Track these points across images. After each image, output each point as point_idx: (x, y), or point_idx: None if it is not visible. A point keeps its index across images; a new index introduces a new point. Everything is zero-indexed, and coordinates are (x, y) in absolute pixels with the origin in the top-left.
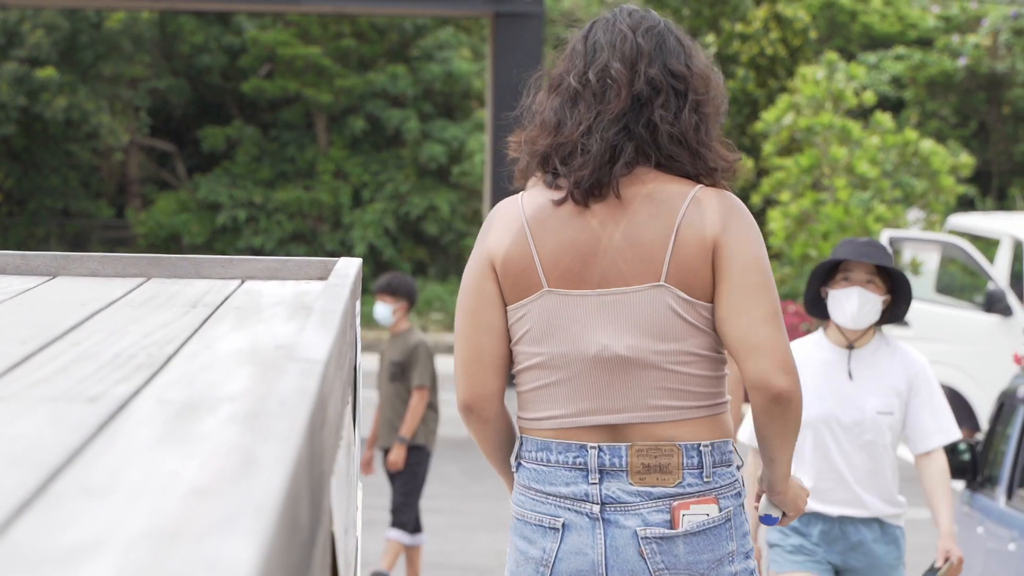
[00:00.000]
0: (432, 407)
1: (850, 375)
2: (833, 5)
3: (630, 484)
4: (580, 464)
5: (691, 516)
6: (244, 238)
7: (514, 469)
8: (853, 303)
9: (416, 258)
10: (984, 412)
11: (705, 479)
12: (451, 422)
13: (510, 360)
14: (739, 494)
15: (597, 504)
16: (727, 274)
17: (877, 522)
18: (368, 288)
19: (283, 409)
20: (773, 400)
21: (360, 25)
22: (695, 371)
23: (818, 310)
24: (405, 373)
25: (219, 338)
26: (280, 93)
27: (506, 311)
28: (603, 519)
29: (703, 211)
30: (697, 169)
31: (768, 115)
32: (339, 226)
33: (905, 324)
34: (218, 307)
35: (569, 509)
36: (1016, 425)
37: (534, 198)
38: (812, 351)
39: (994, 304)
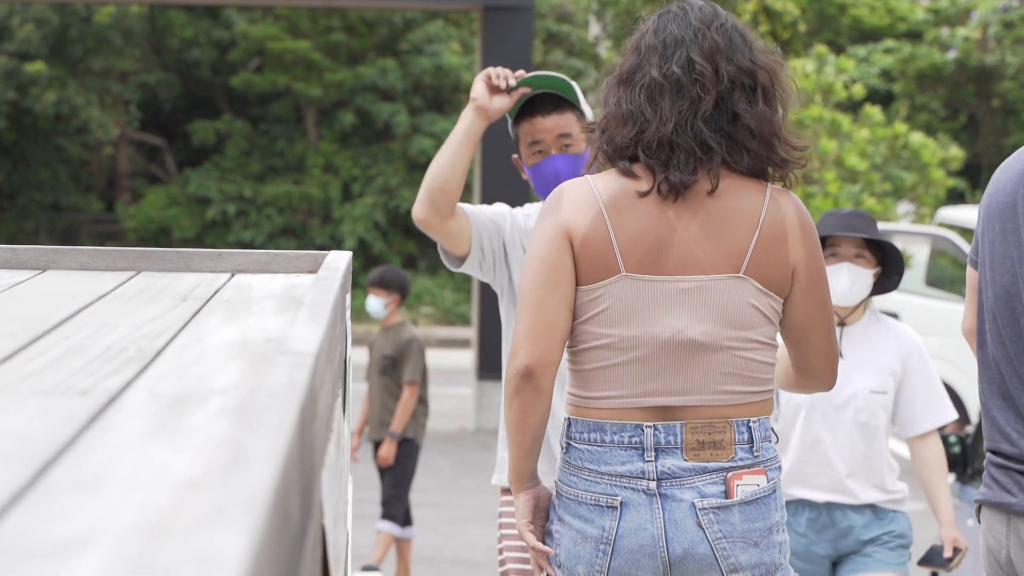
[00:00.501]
0: (422, 401)
1: (840, 353)
2: None
3: (684, 460)
4: (636, 443)
5: (744, 486)
6: (234, 232)
7: (563, 450)
8: (843, 280)
9: (406, 252)
10: (974, 405)
11: (755, 453)
12: (441, 416)
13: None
14: (779, 467)
15: (653, 480)
16: (811, 288)
17: (870, 508)
18: (359, 282)
19: (273, 402)
20: (821, 390)
21: (350, 19)
22: (758, 357)
23: None
24: (396, 367)
25: (209, 331)
26: (270, 87)
27: (576, 289)
28: (660, 494)
29: (783, 213)
30: (771, 161)
31: None
32: (329, 220)
33: (895, 316)
34: (208, 300)
35: (626, 487)
36: None
37: (608, 183)
38: None
39: None
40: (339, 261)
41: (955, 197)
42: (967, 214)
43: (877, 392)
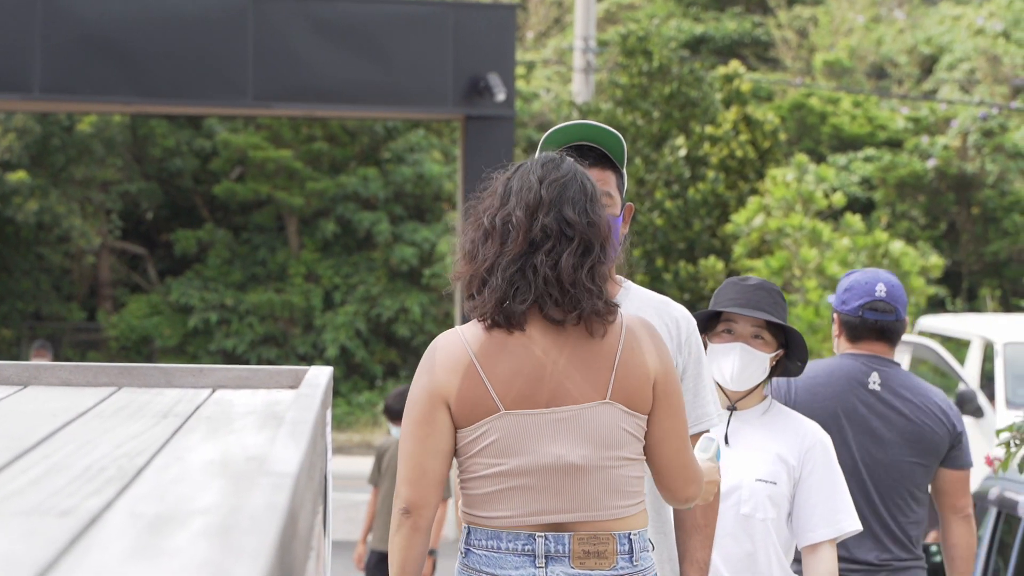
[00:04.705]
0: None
1: (726, 440)
2: (803, 107)
3: (572, 568)
4: (528, 551)
5: None
6: (216, 341)
7: (462, 554)
8: (735, 362)
9: (387, 360)
10: None
11: (634, 563)
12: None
13: (447, 475)
14: (655, 575)
15: None
16: (666, 403)
17: None
18: (340, 390)
19: (254, 525)
20: (685, 503)
21: (331, 128)
22: (630, 473)
23: None
24: None
25: (190, 449)
26: (251, 196)
27: (455, 434)
28: None
29: (638, 338)
30: (572, 308)
31: (738, 217)
32: (311, 328)
33: None
34: (189, 417)
35: None
36: (987, 527)
37: (476, 333)
38: None
39: (965, 405)
40: (319, 377)
41: (936, 305)
42: (947, 322)
43: (764, 481)
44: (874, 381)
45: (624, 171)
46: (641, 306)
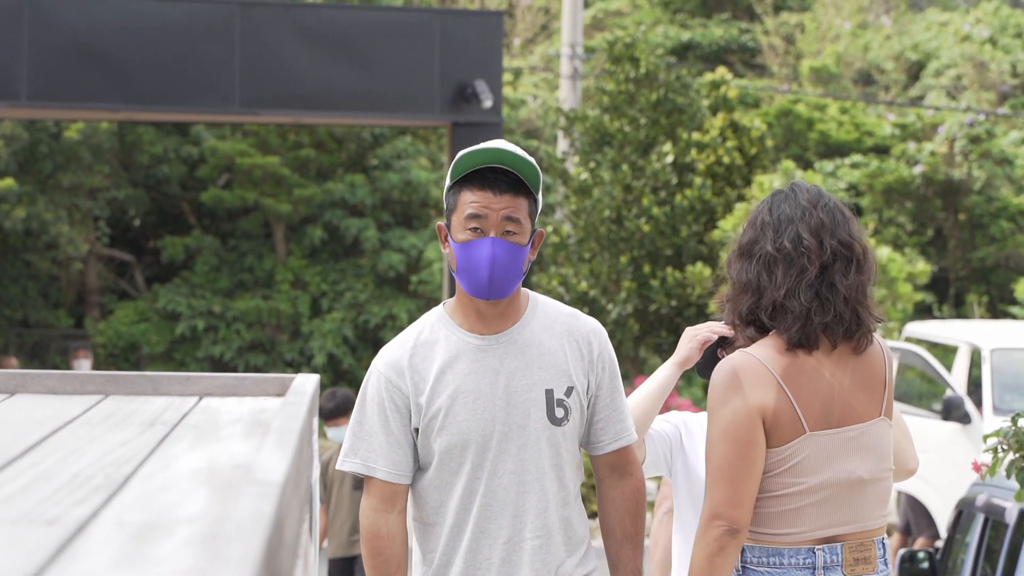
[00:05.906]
0: None
1: None
2: (790, 113)
3: (844, 575)
4: (808, 564)
5: None
6: (203, 347)
7: (738, 572)
8: None
9: None
10: (943, 520)
11: (887, 564)
12: None
13: None
14: None
15: None
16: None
17: None
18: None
19: (239, 533)
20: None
21: (319, 135)
22: (891, 483)
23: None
24: None
25: (177, 457)
26: (239, 203)
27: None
28: None
29: (889, 358)
30: (854, 324)
31: (725, 223)
32: (298, 335)
33: None
34: (176, 425)
35: None
36: (975, 533)
37: (771, 356)
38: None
39: (952, 411)
40: (306, 385)
41: (923, 311)
42: (935, 329)
43: None
44: None
45: (539, 197)
46: (550, 322)
